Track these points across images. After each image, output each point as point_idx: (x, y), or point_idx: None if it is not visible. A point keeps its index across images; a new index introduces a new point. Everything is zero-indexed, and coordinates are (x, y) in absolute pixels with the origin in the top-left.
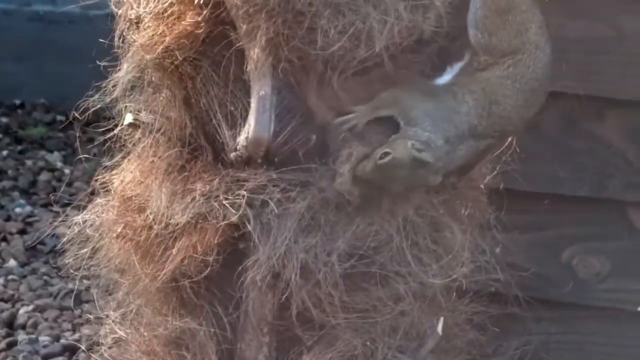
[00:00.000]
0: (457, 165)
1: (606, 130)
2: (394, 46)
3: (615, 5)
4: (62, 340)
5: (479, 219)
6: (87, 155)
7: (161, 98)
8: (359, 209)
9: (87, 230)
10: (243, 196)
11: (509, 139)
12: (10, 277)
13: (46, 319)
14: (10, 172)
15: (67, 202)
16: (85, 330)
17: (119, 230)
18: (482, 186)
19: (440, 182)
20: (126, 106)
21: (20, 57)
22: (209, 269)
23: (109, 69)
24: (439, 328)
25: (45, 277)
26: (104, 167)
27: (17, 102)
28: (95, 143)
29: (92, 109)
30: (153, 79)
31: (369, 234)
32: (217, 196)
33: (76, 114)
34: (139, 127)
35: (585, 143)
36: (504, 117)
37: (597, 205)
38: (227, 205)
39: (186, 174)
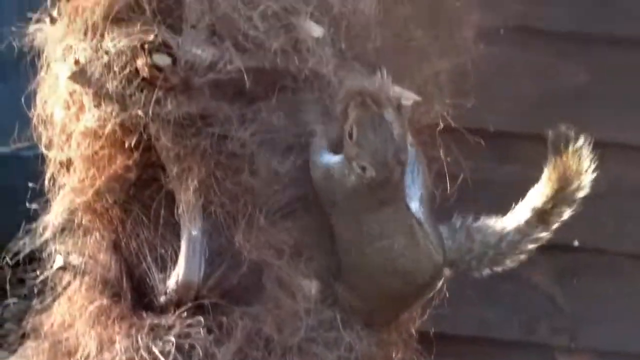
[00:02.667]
0: None
1: (534, 273)
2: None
3: (544, 148)
4: None
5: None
6: (16, 299)
7: (91, 241)
8: None
9: None
10: (172, 343)
11: None
12: None
13: None
14: None
15: None
16: None
17: None
18: (412, 330)
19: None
20: (56, 249)
21: None
22: None
23: (40, 211)
24: None
25: None
26: (35, 310)
27: None
28: (26, 285)
29: (23, 252)
30: (83, 221)
31: None
32: (147, 343)
33: (8, 258)
34: (69, 269)
35: (514, 286)
36: None
37: (525, 349)
38: (156, 351)
39: (114, 318)
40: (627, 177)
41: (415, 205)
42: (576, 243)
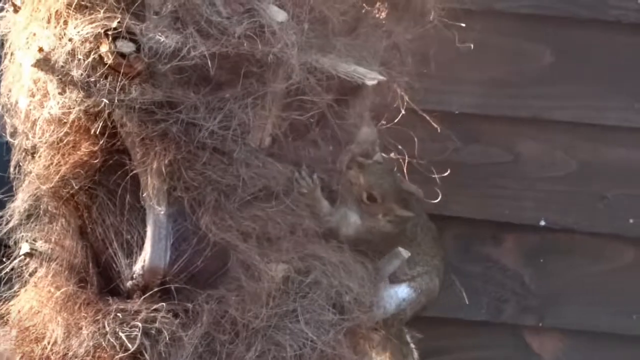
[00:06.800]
0: None
1: (502, 254)
2: None
3: (510, 129)
4: None
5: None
6: None
7: (57, 227)
8: None
9: None
10: (139, 328)
11: None
12: None
13: None
14: None
15: None
16: None
17: None
18: None
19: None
20: (22, 236)
21: None
22: None
23: (6, 199)
24: None
25: None
26: (2, 297)
27: None
28: None
29: None
30: (49, 208)
31: None
32: (114, 328)
33: None
34: (36, 256)
35: (481, 267)
36: None
37: (494, 330)
38: (123, 336)
39: (81, 304)
40: (594, 157)
41: None
42: (543, 222)
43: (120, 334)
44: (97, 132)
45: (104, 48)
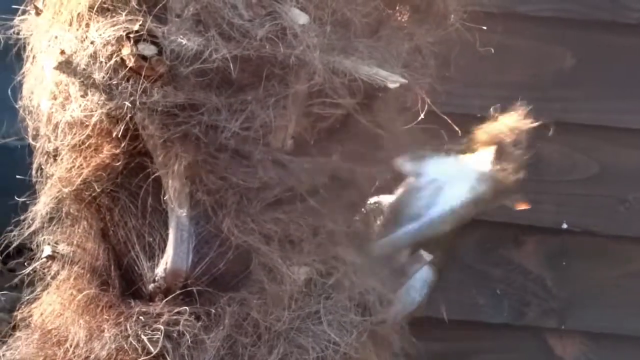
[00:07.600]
0: None
1: (523, 257)
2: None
3: (531, 132)
4: None
5: (397, 347)
6: (6, 291)
7: (79, 230)
8: None
9: None
10: (161, 330)
11: None
12: None
13: None
14: None
15: None
16: None
17: None
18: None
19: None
20: (44, 239)
21: None
22: None
23: (28, 202)
24: None
25: None
26: (25, 300)
27: None
28: (17, 274)
29: (12, 243)
30: (71, 210)
31: None
32: (136, 331)
33: None
34: (58, 259)
35: (503, 270)
36: None
37: (516, 332)
38: (145, 339)
39: (103, 307)
40: (616, 159)
41: None
42: (565, 225)
43: (143, 336)
44: (119, 135)
45: (125, 51)
